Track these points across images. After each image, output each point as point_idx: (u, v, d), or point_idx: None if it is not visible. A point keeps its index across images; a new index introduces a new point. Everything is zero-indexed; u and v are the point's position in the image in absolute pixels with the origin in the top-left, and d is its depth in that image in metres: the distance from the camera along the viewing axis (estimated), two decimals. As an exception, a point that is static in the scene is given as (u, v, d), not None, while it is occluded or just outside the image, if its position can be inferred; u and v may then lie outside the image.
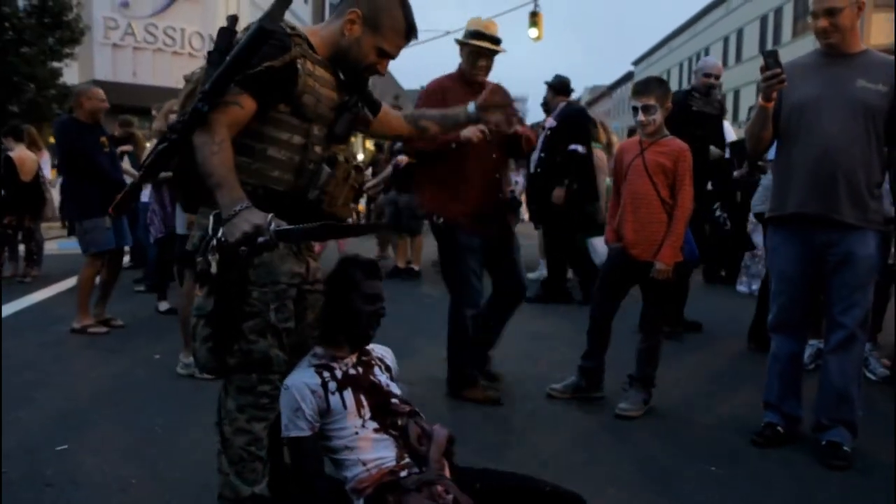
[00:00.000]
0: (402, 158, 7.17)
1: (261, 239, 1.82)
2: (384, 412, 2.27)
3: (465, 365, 3.78)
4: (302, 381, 2.23)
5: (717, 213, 6.60)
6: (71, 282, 6.80)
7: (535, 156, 6.39)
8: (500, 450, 3.11)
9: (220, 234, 1.88)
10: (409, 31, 2.19)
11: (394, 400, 2.32)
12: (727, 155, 7.92)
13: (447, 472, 2.19)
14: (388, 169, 7.78)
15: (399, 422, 2.26)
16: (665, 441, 3.27)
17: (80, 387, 3.95)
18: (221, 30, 2.04)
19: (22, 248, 7.86)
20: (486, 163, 3.63)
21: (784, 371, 3.24)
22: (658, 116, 3.49)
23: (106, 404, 3.65)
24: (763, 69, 2.91)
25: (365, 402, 2.26)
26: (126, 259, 6.46)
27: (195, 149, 1.93)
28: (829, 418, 3.10)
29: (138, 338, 5.06)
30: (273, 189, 2.07)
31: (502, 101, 2.58)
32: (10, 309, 5.91)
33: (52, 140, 14.93)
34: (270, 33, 1.93)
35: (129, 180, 5.91)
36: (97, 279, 5.33)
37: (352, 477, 2.20)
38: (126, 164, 6.55)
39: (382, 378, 2.38)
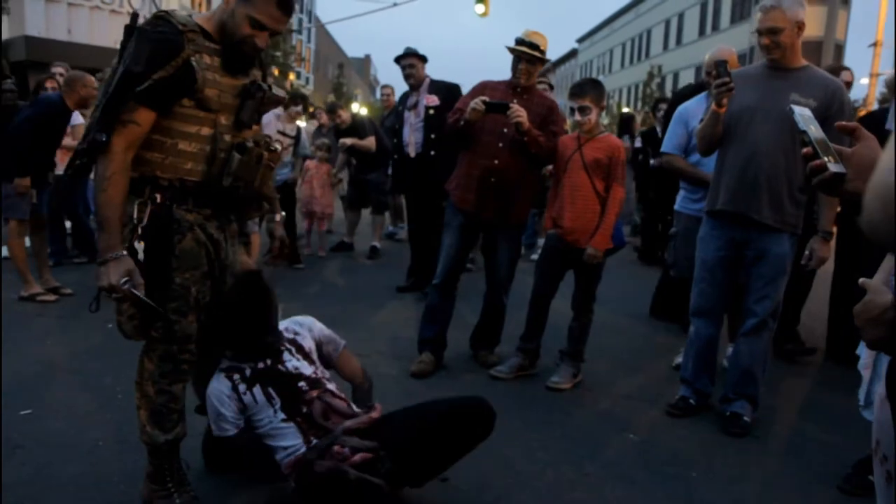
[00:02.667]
0: (346, 140, 7.35)
1: (114, 295, 2.08)
2: (293, 399, 2.46)
3: (422, 330, 4.14)
4: (218, 388, 2.47)
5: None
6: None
7: (417, 137, 5.62)
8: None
9: (143, 221, 2.13)
10: (280, 1, 2.16)
11: (301, 383, 2.49)
12: (638, 143, 8.34)
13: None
14: (342, 157, 7.87)
15: (304, 409, 2.45)
16: (591, 411, 3.62)
17: (36, 354, 4.00)
18: (126, 27, 2.15)
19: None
20: (489, 148, 3.88)
21: (700, 352, 3.57)
22: (593, 116, 3.78)
23: (65, 371, 3.75)
24: (715, 77, 3.16)
25: (274, 394, 2.46)
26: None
27: (96, 175, 2.09)
28: (734, 392, 3.48)
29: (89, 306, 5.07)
30: (188, 180, 2.18)
31: None
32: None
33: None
34: (139, 76, 2.02)
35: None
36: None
37: (281, 460, 2.44)
38: None
39: (290, 364, 2.54)
